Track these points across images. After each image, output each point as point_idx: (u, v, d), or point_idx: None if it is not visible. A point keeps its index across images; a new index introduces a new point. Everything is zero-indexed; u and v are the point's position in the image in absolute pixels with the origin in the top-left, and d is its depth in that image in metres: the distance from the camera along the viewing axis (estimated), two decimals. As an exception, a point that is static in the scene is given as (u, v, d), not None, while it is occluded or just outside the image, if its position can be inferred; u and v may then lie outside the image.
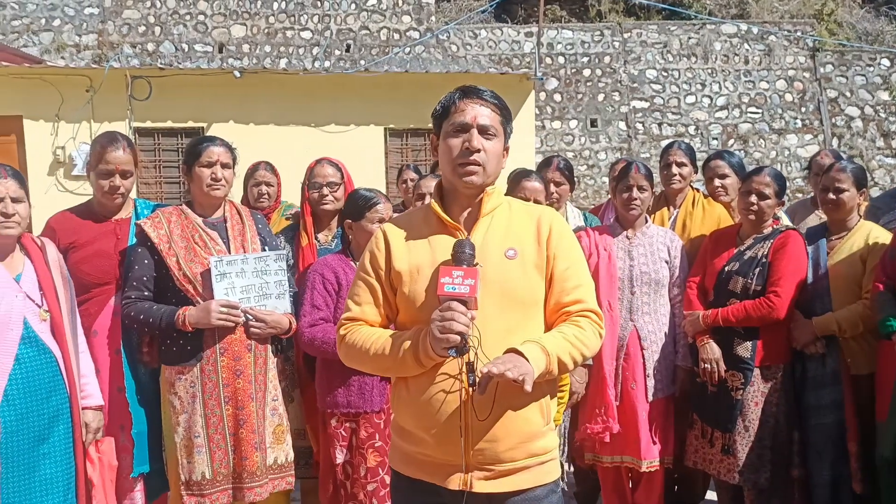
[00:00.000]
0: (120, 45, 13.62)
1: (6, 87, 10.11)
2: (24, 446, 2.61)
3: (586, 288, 2.13)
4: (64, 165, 10.52)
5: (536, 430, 2.08)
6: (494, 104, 2.12)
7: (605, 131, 14.25)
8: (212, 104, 10.61)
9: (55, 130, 10.47)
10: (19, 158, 10.29)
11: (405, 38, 14.10)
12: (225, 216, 3.25)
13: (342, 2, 14.04)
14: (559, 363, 2.00)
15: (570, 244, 2.14)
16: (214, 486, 3.05)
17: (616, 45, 14.35)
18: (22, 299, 2.68)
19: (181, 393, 3.04)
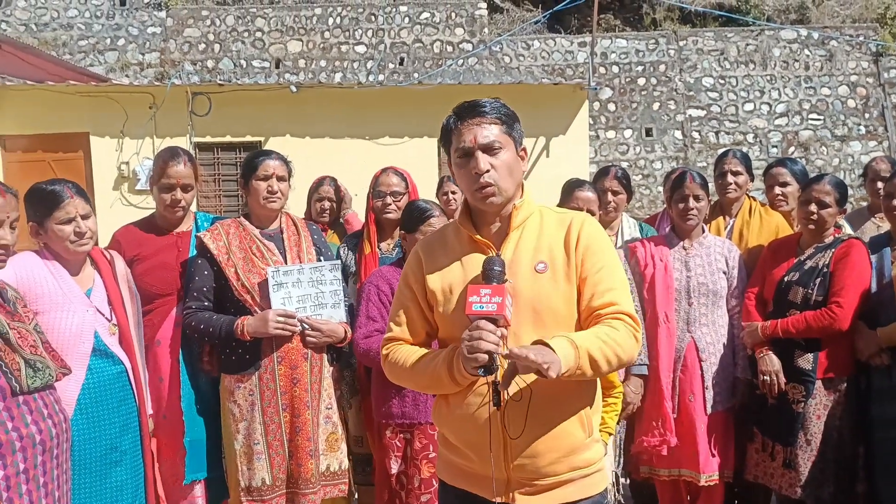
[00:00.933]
0: (181, 63, 14.02)
1: (74, 105, 10.49)
2: (96, 454, 2.69)
3: (619, 291, 2.05)
4: (128, 180, 10.85)
5: (579, 443, 2.05)
6: (494, 116, 2.06)
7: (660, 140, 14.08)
8: (269, 118, 10.83)
9: (120, 146, 10.81)
10: (86, 174, 10.66)
11: (458, 51, 14.18)
12: (281, 227, 3.31)
13: (396, 16, 14.20)
14: (591, 361, 1.92)
15: (600, 247, 2.07)
16: (273, 491, 3.10)
17: (671, 54, 14.18)
18: (93, 314, 2.77)
19: (240, 401, 3.11)
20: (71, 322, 2.67)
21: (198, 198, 9.25)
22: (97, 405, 2.71)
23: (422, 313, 2.16)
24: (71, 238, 2.73)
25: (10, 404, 2.23)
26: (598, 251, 2.06)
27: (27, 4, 14.11)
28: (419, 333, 2.18)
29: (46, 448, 2.30)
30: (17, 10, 14.11)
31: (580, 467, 2.07)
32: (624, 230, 4.00)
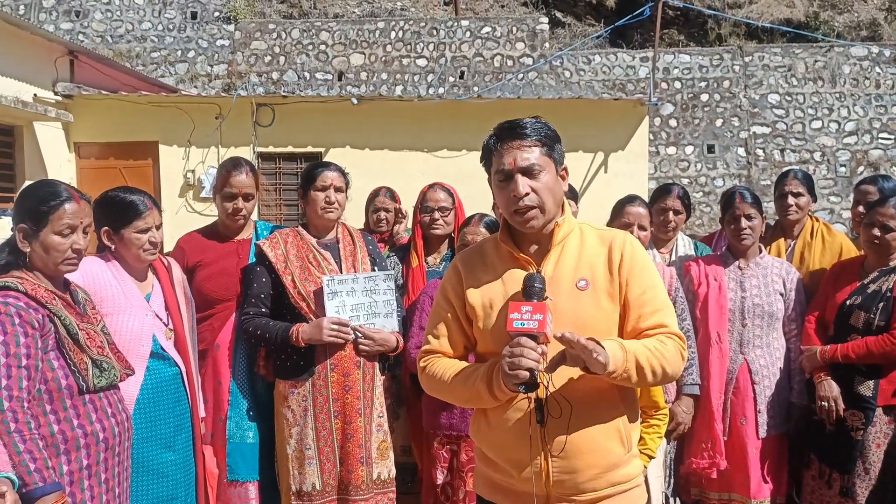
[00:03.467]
0: (247, 75, 14.38)
1: (145, 115, 10.85)
2: (153, 452, 2.79)
3: (666, 312, 2.06)
4: (193, 188, 11.15)
5: (618, 459, 2.05)
6: (535, 139, 2.04)
7: (722, 157, 13.84)
8: (330, 130, 11.02)
9: (186, 155, 11.13)
10: (154, 181, 11.01)
11: (518, 65, 14.21)
12: (337, 238, 3.38)
13: (457, 30, 14.32)
14: (637, 367, 1.94)
15: (643, 268, 2.07)
16: (324, 496, 3.16)
17: (736, 69, 13.95)
18: (151, 318, 2.87)
19: (294, 406, 3.17)
20: (132, 325, 2.78)
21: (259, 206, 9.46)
22: (154, 405, 2.81)
23: (460, 327, 2.17)
24: (145, 247, 2.84)
25: (76, 402, 2.33)
26: (642, 271, 2.06)
27: (104, 17, 14.68)
28: (457, 347, 2.19)
29: (109, 446, 2.39)
30: (94, 21, 14.68)
31: (619, 482, 2.06)
32: (678, 248, 3.96)
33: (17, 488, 2.10)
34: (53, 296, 2.36)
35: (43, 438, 2.22)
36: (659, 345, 1.99)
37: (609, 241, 2.10)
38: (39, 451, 2.18)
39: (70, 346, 2.32)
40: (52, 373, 2.28)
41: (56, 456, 2.26)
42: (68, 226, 2.35)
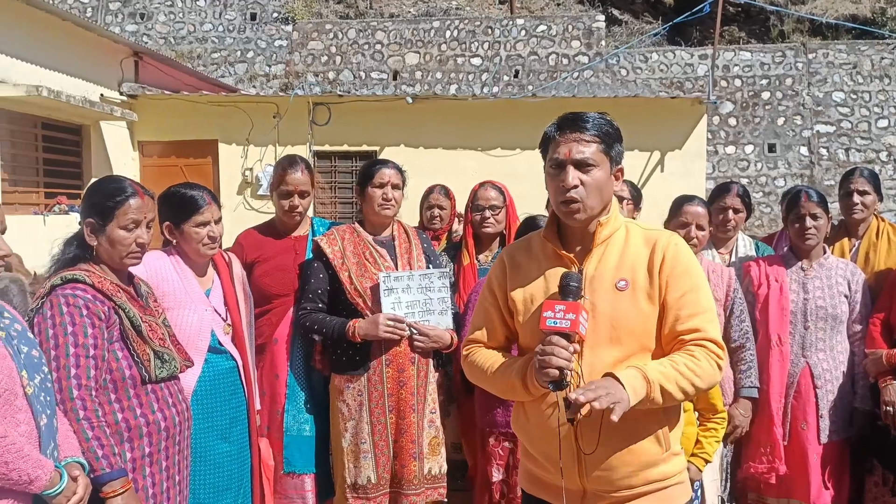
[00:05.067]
0: (304, 75, 14.59)
1: (205, 114, 11.10)
2: (209, 442, 2.85)
3: (705, 316, 2.01)
4: (251, 185, 11.36)
5: (654, 458, 2.03)
6: (594, 133, 2.03)
7: (783, 157, 13.53)
8: (384, 128, 11.11)
9: (245, 153, 11.35)
10: (213, 179, 11.26)
11: (574, 63, 14.11)
12: (393, 235, 3.41)
13: (512, 29, 14.28)
14: (663, 392, 1.90)
15: (686, 270, 2.02)
16: (378, 490, 3.20)
17: (799, 67, 13.61)
18: (210, 313, 2.94)
19: (349, 400, 3.21)
20: (191, 320, 2.85)
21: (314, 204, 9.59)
22: (210, 397, 2.87)
23: (503, 319, 2.20)
24: (204, 241, 2.91)
25: (139, 392, 2.40)
26: (684, 274, 2.01)
27: (167, 19, 15.06)
28: (499, 338, 2.22)
29: (170, 434, 2.46)
30: (158, 24, 15.08)
31: (657, 480, 2.05)
32: (739, 248, 3.89)
33: (86, 473, 2.18)
34: (118, 288, 2.43)
35: (109, 426, 2.30)
36: (689, 360, 1.94)
37: (653, 242, 2.06)
38: (106, 437, 2.26)
39: (133, 338, 2.39)
40: (116, 363, 2.36)
41: (120, 443, 2.33)
42: (133, 220, 2.43)
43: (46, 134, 9.49)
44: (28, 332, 2.20)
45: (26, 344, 2.13)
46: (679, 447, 2.11)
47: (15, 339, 2.10)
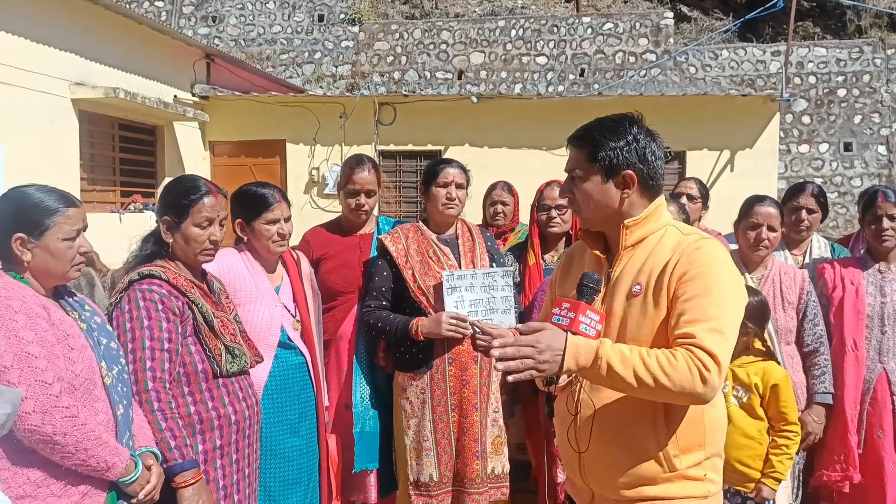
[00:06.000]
0: (370, 75, 14.75)
1: (274, 115, 11.33)
2: (279, 436, 2.91)
3: (707, 325, 1.81)
4: (317, 184, 11.55)
5: (651, 474, 1.94)
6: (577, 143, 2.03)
7: (860, 156, 13.06)
8: (449, 128, 11.15)
9: (312, 153, 11.54)
10: (281, 178, 11.48)
11: (641, 61, 13.91)
12: (457, 233, 3.43)
13: (578, 27, 14.16)
14: (610, 372, 1.78)
15: (700, 274, 1.87)
16: (440, 487, 3.22)
17: (878, 63, 13.13)
18: (280, 309, 3.01)
19: (412, 398, 3.24)
20: (262, 316, 2.91)
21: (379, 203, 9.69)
22: (280, 392, 2.93)
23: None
24: (274, 238, 2.98)
25: (211, 385, 2.47)
26: (696, 277, 1.87)
27: (237, 21, 15.43)
28: None
29: (240, 428, 2.52)
30: (229, 26, 15.46)
31: (656, 498, 1.95)
32: (813, 250, 3.77)
33: (159, 463, 2.26)
34: (192, 285, 2.51)
35: (181, 418, 2.37)
36: (664, 356, 1.79)
37: (679, 246, 1.94)
38: (179, 429, 2.33)
39: (206, 333, 2.46)
40: (189, 357, 2.43)
41: (192, 435, 2.40)
42: (206, 218, 2.50)
43: (123, 134, 9.83)
44: (107, 325, 2.29)
45: (105, 336, 2.22)
46: (702, 472, 1.96)
47: (95, 331, 2.19)
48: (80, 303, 2.25)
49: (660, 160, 2.01)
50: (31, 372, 1.95)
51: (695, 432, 1.94)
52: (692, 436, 1.93)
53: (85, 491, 2.04)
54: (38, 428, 1.94)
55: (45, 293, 2.13)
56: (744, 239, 3.41)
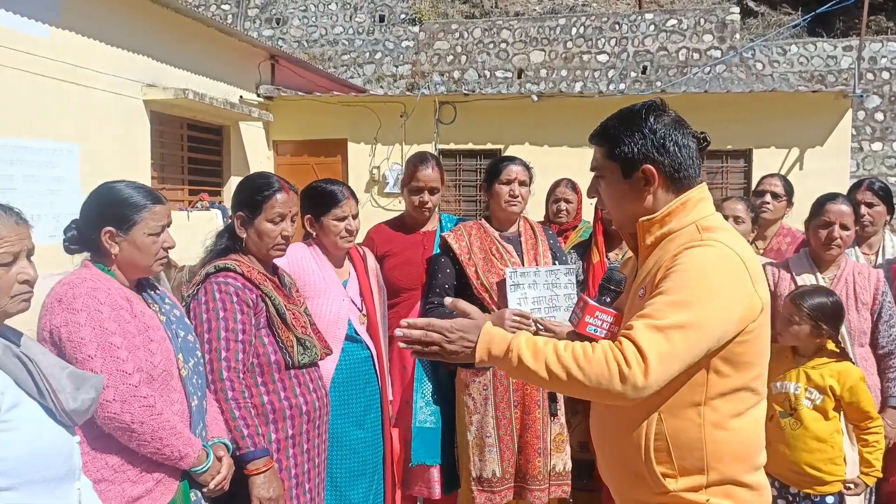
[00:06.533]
0: (430, 74, 14.81)
1: (336, 114, 11.48)
2: (345, 428, 2.96)
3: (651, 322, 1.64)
4: (378, 183, 11.65)
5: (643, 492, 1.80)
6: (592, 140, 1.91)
7: (937, 154, 12.55)
8: (509, 127, 11.13)
9: (372, 152, 11.65)
10: (342, 177, 11.62)
11: (705, 58, 13.64)
12: (519, 231, 3.43)
13: (641, 24, 13.96)
14: (521, 364, 1.67)
15: (676, 272, 1.69)
16: (503, 483, 3.23)
17: (955, 57, 12.60)
18: (347, 303, 3.07)
19: (475, 394, 3.26)
20: (330, 309, 2.97)
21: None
22: (346, 385, 2.99)
23: None
24: (342, 234, 3.04)
25: (283, 376, 2.53)
26: (667, 278, 1.70)
27: (301, 23, 15.68)
28: None
29: (310, 418, 2.59)
30: (293, 28, 15.72)
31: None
32: (886, 248, 3.66)
33: (232, 452, 2.33)
34: (265, 278, 2.58)
35: (254, 407, 2.44)
36: (581, 350, 1.65)
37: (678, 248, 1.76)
38: (252, 418, 2.40)
39: (278, 325, 2.53)
40: (262, 348, 2.50)
41: (265, 424, 2.47)
42: (279, 214, 2.57)
43: (191, 134, 10.08)
44: (185, 318, 2.37)
45: (183, 329, 2.30)
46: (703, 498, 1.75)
47: (174, 323, 2.27)
48: (161, 296, 2.33)
49: (686, 149, 1.81)
50: (113, 362, 2.03)
51: (692, 454, 1.73)
52: (689, 458, 1.73)
53: (159, 478, 2.12)
54: (117, 416, 2.02)
55: (128, 285, 2.22)
56: (815, 238, 3.33)
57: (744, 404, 1.73)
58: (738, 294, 1.67)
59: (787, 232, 4.20)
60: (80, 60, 7.68)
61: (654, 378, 1.60)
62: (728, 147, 10.66)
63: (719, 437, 1.72)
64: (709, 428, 1.71)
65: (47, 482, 1.70)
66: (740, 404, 1.73)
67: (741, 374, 1.71)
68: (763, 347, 1.75)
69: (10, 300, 1.72)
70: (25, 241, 1.74)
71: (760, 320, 1.71)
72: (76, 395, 1.76)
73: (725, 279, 1.67)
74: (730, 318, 1.66)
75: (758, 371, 1.74)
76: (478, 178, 11.13)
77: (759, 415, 1.77)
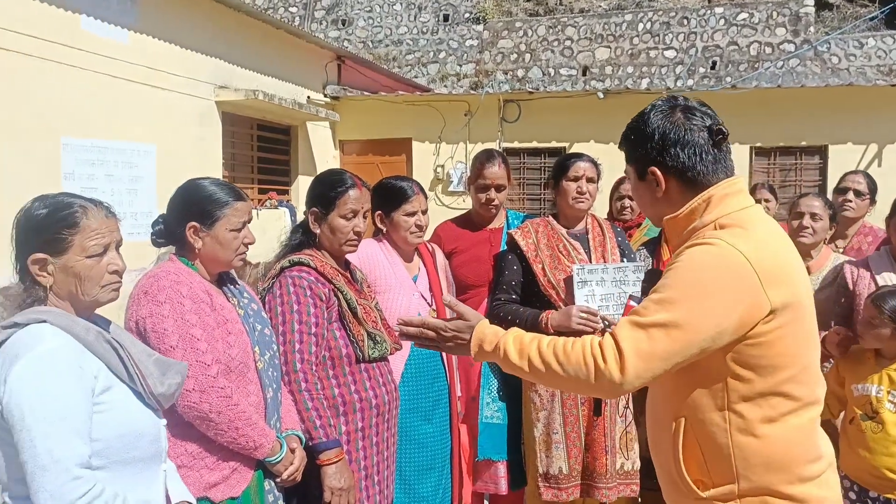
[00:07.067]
0: (493, 73, 14.81)
1: (401, 113, 11.58)
2: (414, 423, 3.00)
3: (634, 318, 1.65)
4: (442, 182, 11.71)
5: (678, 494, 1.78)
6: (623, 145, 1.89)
7: None
8: (574, 124, 11.04)
9: (437, 151, 11.71)
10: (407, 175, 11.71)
11: (778, 52, 13.29)
12: (587, 228, 3.41)
13: (710, 18, 13.68)
14: (506, 359, 1.75)
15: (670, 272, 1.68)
16: (569, 481, 3.22)
17: None
18: (417, 298, 3.10)
19: (541, 391, 3.25)
20: (400, 304, 3.01)
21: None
22: (416, 380, 3.02)
23: None
24: (412, 229, 3.08)
25: (354, 370, 2.58)
26: (667, 275, 1.69)
27: (366, 24, 15.87)
28: None
29: (380, 412, 2.63)
30: (358, 29, 15.92)
31: None
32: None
33: (304, 442, 2.38)
34: (337, 273, 2.63)
35: (326, 399, 2.49)
36: (563, 345, 1.69)
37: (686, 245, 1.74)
38: (324, 409, 2.45)
39: (350, 319, 2.57)
40: (334, 342, 2.55)
41: (336, 416, 2.52)
42: (351, 210, 2.62)
43: (260, 134, 10.31)
44: (262, 312, 2.44)
45: (260, 323, 2.36)
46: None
47: (251, 317, 2.34)
48: (240, 290, 2.40)
49: (691, 148, 1.75)
50: (193, 353, 2.10)
51: (722, 461, 1.69)
52: (719, 465, 1.70)
53: (235, 466, 2.18)
54: (196, 405, 2.08)
55: (210, 279, 2.29)
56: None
57: (775, 410, 1.66)
58: (735, 294, 1.61)
59: (868, 230, 4.07)
60: (156, 63, 7.94)
61: (630, 375, 1.60)
62: (802, 143, 10.36)
63: (748, 443, 1.67)
64: (736, 434, 1.67)
65: (136, 462, 1.77)
66: (771, 410, 1.66)
67: (765, 379, 1.64)
68: (792, 351, 1.66)
69: (101, 289, 1.80)
70: (115, 234, 1.83)
71: (776, 322, 1.63)
72: (163, 379, 1.84)
73: (721, 279, 1.62)
74: (723, 319, 1.60)
75: (787, 375, 1.65)
76: (542, 177, 11.08)
77: (800, 422, 1.68)
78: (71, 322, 1.74)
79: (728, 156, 1.81)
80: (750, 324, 1.61)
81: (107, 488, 1.66)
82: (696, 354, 1.62)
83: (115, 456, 1.72)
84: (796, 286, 1.68)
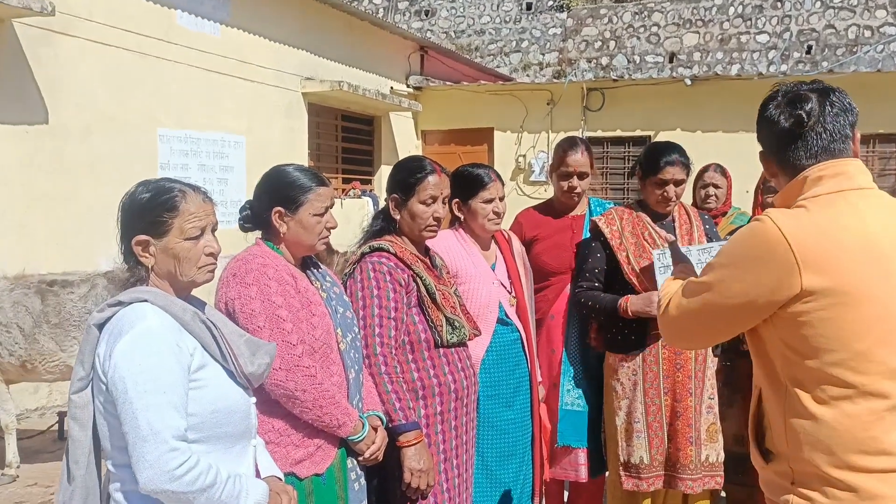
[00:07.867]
0: (577, 61, 14.64)
1: (482, 103, 11.59)
2: (496, 410, 3.01)
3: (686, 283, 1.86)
4: (523, 171, 11.67)
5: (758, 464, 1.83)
6: None
7: None
8: (660, 113, 10.81)
9: (518, 140, 11.68)
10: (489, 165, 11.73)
11: (878, 35, 12.66)
12: (673, 216, 3.34)
13: (805, 1, 13.14)
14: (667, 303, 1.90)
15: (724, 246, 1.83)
16: (651, 471, 3.17)
17: None
18: (497, 286, 3.11)
19: (623, 379, 3.22)
20: (481, 293, 3.03)
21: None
22: (496, 366, 3.03)
23: None
24: (489, 216, 3.09)
25: (432, 354, 2.61)
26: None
27: (448, 14, 15.92)
28: None
29: (458, 396, 2.65)
30: (441, 19, 15.99)
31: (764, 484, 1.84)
32: None
33: (385, 424, 2.43)
34: (416, 258, 2.66)
35: (406, 383, 2.54)
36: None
37: None
38: (403, 392, 2.49)
39: (429, 304, 2.61)
40: (413, 326, 2.59)
41: (415, 400, 2.56)
42: (431, 196, 2.65)
43: (345, 125, 10.50)
44: (344, 295, 2.50)
45: (342, 306, 2.42)
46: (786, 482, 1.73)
47: (334, 300, 2.40)
48: (323, 274, 2.47)
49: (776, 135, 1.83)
50: (280, 333, 2.17)
51: (778, 437, 1.75)
52: (778, 440, 1.75)
53: (319, 444, 2.24)
54: (282, 383, 2.15)
55: (294, 263, 2.36)
56: None
57: (826, 393, 1.65)
58: (764, 267, 1.67)
59: None
60: (246, 56, 8.19)
61: (663, 323, 1.90)
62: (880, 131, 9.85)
63: (797, 424, 1.69)
64: (789, 413, 1.71)
65: (228, 437, 1.85)
66: (822, 393, 1.66)
67: (812, 361, 1.65)
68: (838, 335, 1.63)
69: (198, 270, 1.88)
70: (211, 217, 1.91)
71: (817, 304, 1.63)
72: (252, 359, 1.91)
73: (752, 251, 1.71)
74: (752, 289, 1.69)
75: (834, 358, 1.63)
76: (626, 166, 10.90)
77: (856, 410, 1.64)
78: (169, 302, 1.82)
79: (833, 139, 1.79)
80: (781, 299, 1.66)
81: (202, 459, 1.75)
82: (732, 321, 1.77)
83: (209, 430, 1.80)
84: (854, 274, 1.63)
